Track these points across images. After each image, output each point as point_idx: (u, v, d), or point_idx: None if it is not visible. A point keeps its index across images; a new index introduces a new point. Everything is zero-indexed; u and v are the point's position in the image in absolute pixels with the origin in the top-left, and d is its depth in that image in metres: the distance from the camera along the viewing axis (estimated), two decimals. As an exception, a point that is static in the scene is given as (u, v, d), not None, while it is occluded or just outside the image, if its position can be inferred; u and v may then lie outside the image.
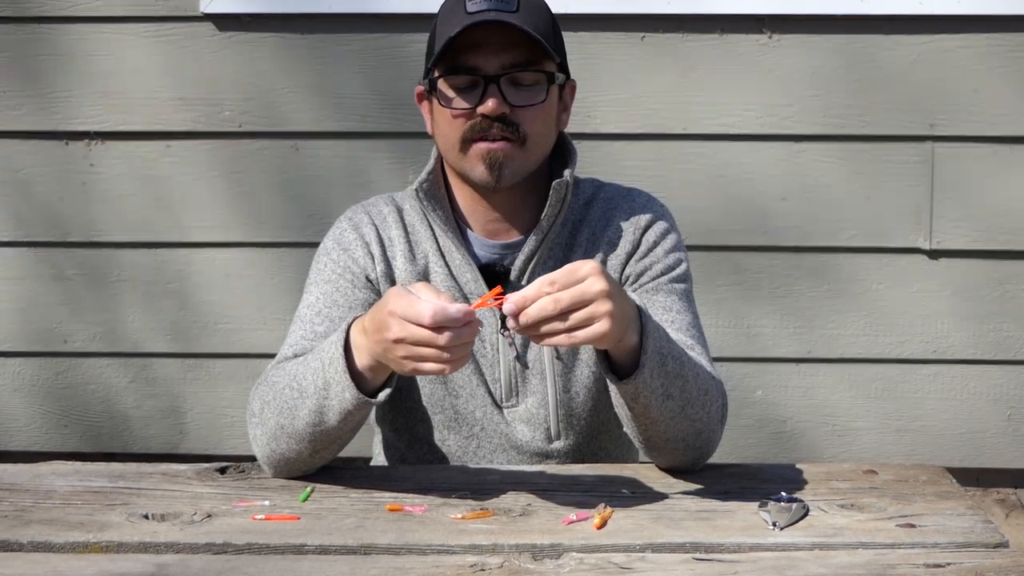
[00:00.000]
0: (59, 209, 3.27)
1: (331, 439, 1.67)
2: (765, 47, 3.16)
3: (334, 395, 1.60)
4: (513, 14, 1.75)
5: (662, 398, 1.62)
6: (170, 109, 3.23)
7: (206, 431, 3.35)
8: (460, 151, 1.80)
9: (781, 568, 1.44)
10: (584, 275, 1.49)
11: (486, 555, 1.48)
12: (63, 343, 3.33)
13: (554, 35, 1.84)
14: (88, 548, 1.50)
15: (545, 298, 1.48)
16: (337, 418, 1.62)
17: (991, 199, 3.18)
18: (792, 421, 3.29)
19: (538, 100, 1.79)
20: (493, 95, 1.76)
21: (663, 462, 1.75)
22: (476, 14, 1.75)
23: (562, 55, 1.85)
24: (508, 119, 1.77)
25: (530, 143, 1.79)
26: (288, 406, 1.66)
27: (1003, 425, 3.29)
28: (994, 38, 3.13)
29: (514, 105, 1.77)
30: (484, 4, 1.75)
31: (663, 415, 1.64)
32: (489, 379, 1.89)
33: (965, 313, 3.23)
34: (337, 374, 1.59)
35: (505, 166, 1.79)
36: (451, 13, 1.79)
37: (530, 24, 1.76)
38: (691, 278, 1.92)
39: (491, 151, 1.78)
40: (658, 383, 1.61)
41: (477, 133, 1.78)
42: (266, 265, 3.28)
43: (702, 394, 1.69)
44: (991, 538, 1.52)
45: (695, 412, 1.68)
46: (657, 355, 1.60)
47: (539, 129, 1.80)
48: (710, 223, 3.20)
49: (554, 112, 1.84)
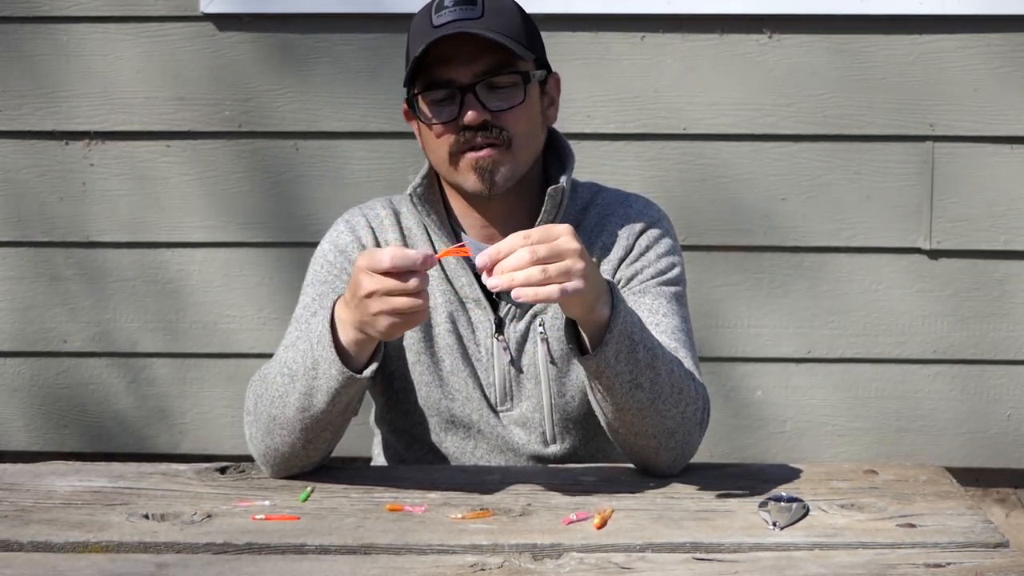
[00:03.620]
0: (59, 209, 3.27)
1: (322, 425, 1.66)
2: (765, 47, 3.16)
3: (322, 373, 1.61)
4: (478, 21, 1.74)
5: (629, 386, 1.62)
6: (169, 109, 3.23)
7: (206, 431, 3.35)
8: (450, 165, 1.80)
9: (781, 568, 1.44)
10: (559, 233, 1.53)
11: (486, 555, 1.48)
12: (63, 343, 3.33)
13: (526, 33, 1.81)
14: (88, 548, 1.50)
15: (522, 249, 1.51)
16: (325, 398, 1.62)
17: (991, 199, 3.18)
18: (792, 421, 3.29)
19: (517, 101, 1.78)
20: (471, 105, 1.76)
21: (637, 462, 1.75)
22: (441, 27, 1.74)
23: (539, 50, 1.84)
24: (490, 125, 1.77)
25: (516, 144, 1.79)
26: (279, 394, 1.67)
27: (1003, 425, 3.29)
28: (994, 38, 3.13)
29: (493, 110, 1.77)
30: (448, 15, 1.75)
31: (630, 404, 1.64)
32: (484, 383, 1.89)
33: (965, 313, 3.23)
34: (325, 351, 1.59)
35: (495, 173, 1.78)
36: (419, 28, 1.79)
37: (497, 27, 1.75)
38: (684, 282, 1.91)
39: (479, 160, 1.78)
40: (625, 368, 1.61)
41: (464, 145, 1.78)
42: (265, 265, 3.27)
43: (676, 392, 1.68)
44: (991, 538, 1.52)
45: (667, 409, 1.67)
46: (626, 339, 1.60)
47: (523, 129, 1.80)
48: (710, 223, 3.20)
49: (537, 109, 1.84)
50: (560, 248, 1.51)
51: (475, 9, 1.76)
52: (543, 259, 1.50)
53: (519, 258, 1.50)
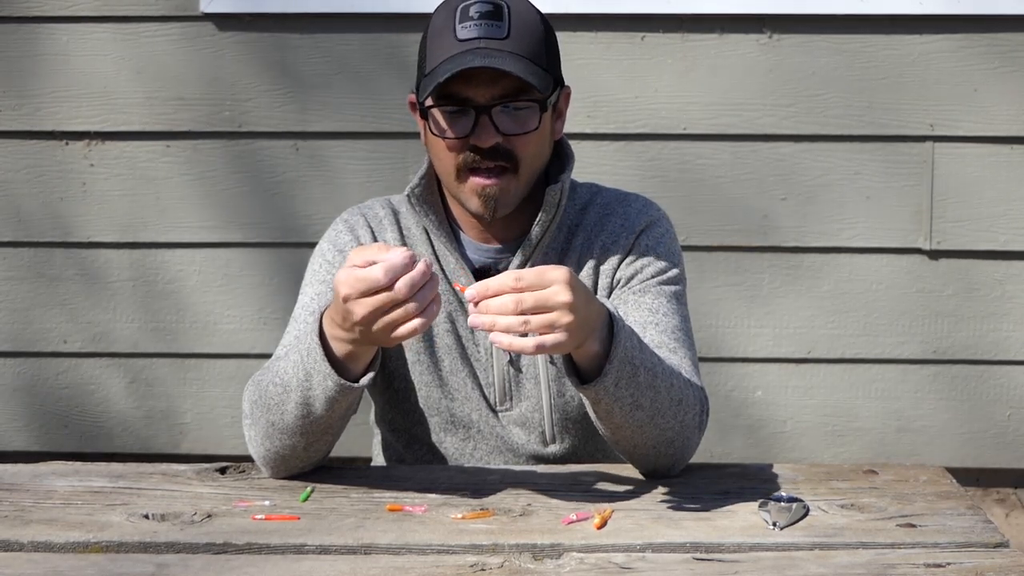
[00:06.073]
0: (59, 209, 3.27)
1: (322, 429, 1.66)
2: (765, 47, 3.16)
3: (317, 384, 1.60)
4: (504, 40, 1.72)
5: (630, 407, 1.62)
6: (169, 109, 3.23)
7: (206, 431, 3.35)
8: (456, 180, 1.79)
9: (781, 568, 1.44)
10: (551, 280, 1.47)
11: (486, 555, 1.48)
12: (63, 343, 3.33)
13: (547, 50, 1.79)
14: (88, 548, 1.50)
15: (508, 295, 1.46)
16: (324, 406, 1.62)
17: (991, 199, 3.18)
18: (792, 421, 3.29)
19: (531, 128, 1.76)
20: (485, 127, 1.73)
21: (636, 467, 1.75)
22: (466, 42, 1.71)
23: (556, 67, 1.82)
24: (501, 148, 1.75)
25: (523, 168, 1.78)
26: (275, 402, 1.66)
27: (1003, 425, 3.29)
28: (994, 38, 3.13)
29: (507, 134, 1.75)
30: (475, 30, 1.72)
31: (629, 423, 1.64)
32: (483, 383, 1.89)
33: (965, 313, 3.23)
34: (316, 363, 1.58)
35: (500, 201, 1.78)
36: (442, 33, 1.75)
37: (522, 49, 1.73)
38: (685, 282, 1.91)
39: (485, 188, 1.77)
40: (626, 393, 1.60)
41: (471, 164, 1.76)
42: (265, 266, 3.27)
43: (675, 404, 1.67)
44: (991, 538, 1.52)
45: (666, 422, 1.66)
46: (627, 365, 1.58)
47: (533, 152, 1.79)
48: (710, 223, 3.20)
49: (548, 134, 1.82)
50: (548, 300, 1.46)
51: (502, 26, 1.72)
52: (528, 310, 1.45)
53: (502, 304, 1.46)
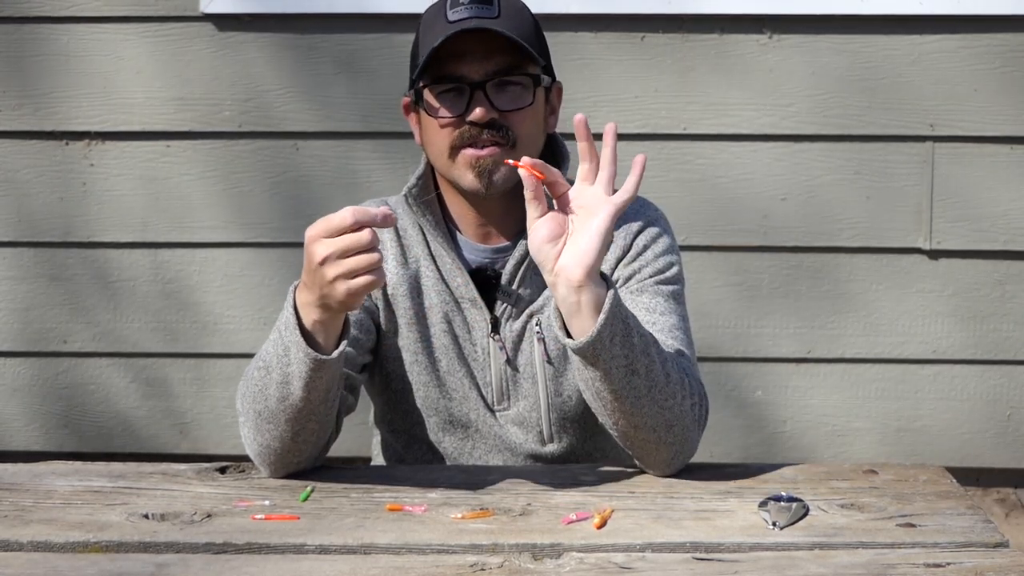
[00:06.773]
0: (59, 209, 3.27)
1: (305, 415, 1.65)
2: (765, 47, 3.16)
3: (293, 359, 1.59)
4: (495, 20, 1.75)
5: (625, 371, 1.61)
6: (170, 109, 3.23)
7: (206, 431, 3.35)
8: (449, 158, 1.81)
9: (781, 568, 1.44)
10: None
11: (486, 555, 1.48)
12: (63, 343, 3.33)
13: (537, 38, 1.83)
14: (88, 548, 1.50)
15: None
16: (300, 385, 1.61)
17: (991, 199, 3.18)
18: (792, 421, 3.29)
19: (525, 103, 1.79)
20: (480, 102, 1.76)
21: (638, 456, 1.73)
22: (458, 22, 1.74)
23: (546, 57, 1.85)
24: (497, 123, 1.77)
25: (520, 146, 1.79)
26: (260, 387, 1.66)
27: (1003, 425, 3.29)
28: (994, 38, 3.13)
29: (502, 110, 1.77)
30: (465, 12, 1.75)
31: (627, 392, 1.63)
32: (481, 382, 1.90)
33: (965, 313, 3.23)
34: (291, 334, 1.58)
35: (494, 172, 1.79)
36: (433, 22, 1.79)
37: (512, 29, 1.76)
38: (683, 282, 1.91)
39: (479, 158, 1.78)
40: (620, 352, 1.60)
41: (466, 140, 1.78)
42: (266, 265, 3.28)
43: (672, 383, 1.67)
44: (991, 538, 1.52)
45: (664, 399, 1.66)
46: (620, 322, 1.59)
47: (528, 131, 1.81)
48: (710, 223, 3.20)
49: (541, 114, 1.84)
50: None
51: (492, 8, 1.76)
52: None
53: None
